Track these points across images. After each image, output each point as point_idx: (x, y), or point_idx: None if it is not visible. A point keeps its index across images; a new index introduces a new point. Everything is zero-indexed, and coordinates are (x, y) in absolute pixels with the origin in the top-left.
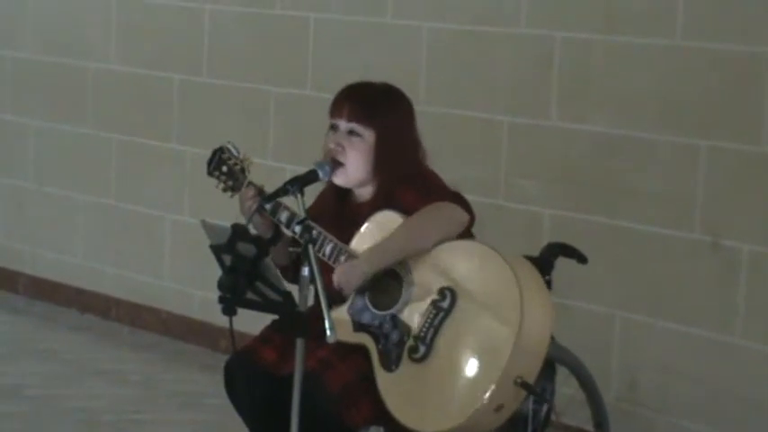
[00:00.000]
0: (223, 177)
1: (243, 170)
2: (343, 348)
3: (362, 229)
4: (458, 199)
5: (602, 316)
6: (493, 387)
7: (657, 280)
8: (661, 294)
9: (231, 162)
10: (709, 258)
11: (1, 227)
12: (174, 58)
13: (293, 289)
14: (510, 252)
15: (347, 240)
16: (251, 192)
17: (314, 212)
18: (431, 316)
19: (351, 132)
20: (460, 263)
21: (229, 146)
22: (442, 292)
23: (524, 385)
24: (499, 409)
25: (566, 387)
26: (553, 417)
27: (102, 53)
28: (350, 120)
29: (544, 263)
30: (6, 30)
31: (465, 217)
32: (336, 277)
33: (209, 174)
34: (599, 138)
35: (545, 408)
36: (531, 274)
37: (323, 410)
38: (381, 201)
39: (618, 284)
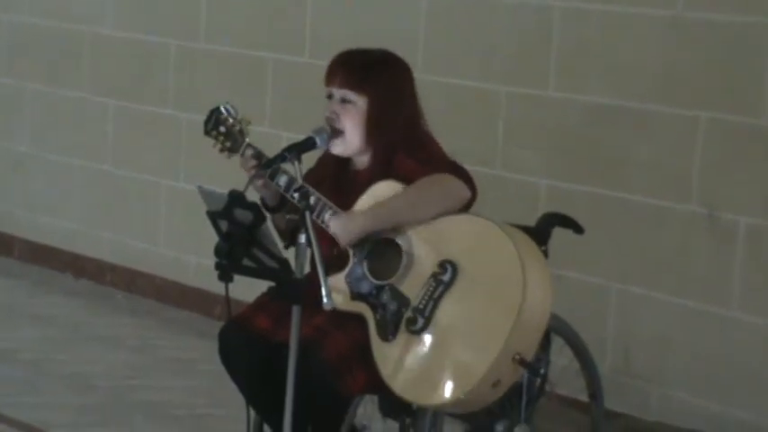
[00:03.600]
0: (221, 138)
1: (241, 131)
2: (339, 316)
3: (362, 197)
4: (460, 173)
5: (598, 287)
6: (491, 363)
7: (654, 251)
8: (657, 266)
9: (229, 123)
10: (706, 230)
11: None
12: (172, 23)
13: (290, 254)
14: (506, 222)
15: (346, 207)
16: (250, 152)
17: (314, 178)
18: (431, 288)
19: (344, 99)
20: (463, 236)
21: (228, 106)
22: (443, 264)
23: (522, 362)
24: (496, 384)
25: (560, 357)
26: (548, 387)
27: (99, 18)
28: (342, 86)
29: (540, 233)
30: None
31: (466, 192)
32: (333, 227)
33: (207, 133)
34: (597, 108)
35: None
36: (533, 251)
37: (317, 378)
38: (379, 168)
39: (614, 255)
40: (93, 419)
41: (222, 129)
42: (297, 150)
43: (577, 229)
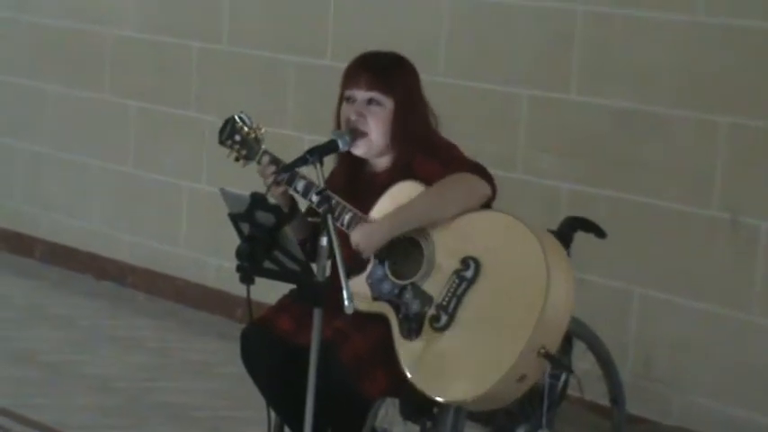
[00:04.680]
0: (236, 146)
1: (257, 139)
2: (360, 318)
3: (382, 199)
4: (480, 171)
5: (620, 291)
6: (517, 357)
7: (675, 256)
8: (679, 271)
9: (245, 131)
10: (728, 235)
11: (18, 192)
12: (194, 25)
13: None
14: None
15: (365, 209)
16: (267, 159)
17: (330, 186)
18: (453, 285)
19: (370, 101)
20: (485, 232)
21: (243, 115)
22: (465, 261)
23: (548, 356)
24: (522, 379)
25: (582, 362)
26: (572, 390)
27: (120, 19)
28: (369, 89)
29: (563, 237)
30: None
31: (487, 189)
32: (355, 238)
33: (221, 143)
34: (618, 112)
35: (561, 381)
36: (556, 246)
37: (338, 381)
38: (399, 170)
39: (636, 260)
40: (113, 421)
41: (237, 137)
42: (319, 153)
43: (599, 233)
